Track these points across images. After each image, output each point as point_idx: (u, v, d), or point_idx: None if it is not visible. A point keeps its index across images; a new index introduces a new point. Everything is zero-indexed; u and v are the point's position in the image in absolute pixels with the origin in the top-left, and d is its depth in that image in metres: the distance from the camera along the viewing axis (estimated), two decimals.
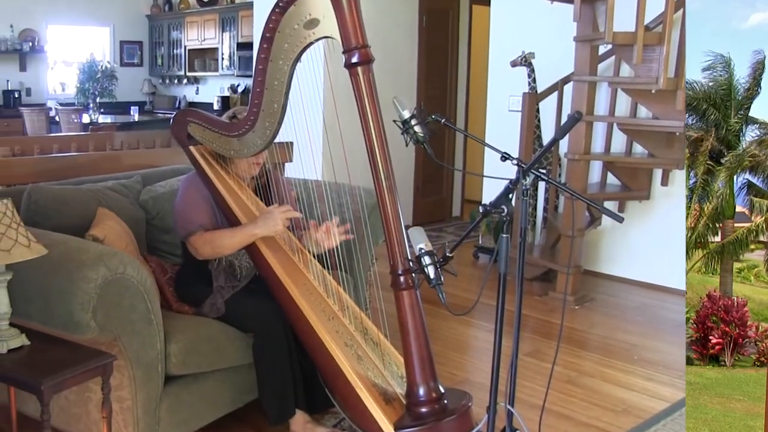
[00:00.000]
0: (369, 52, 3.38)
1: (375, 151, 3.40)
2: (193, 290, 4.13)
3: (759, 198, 13.75)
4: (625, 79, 6.70)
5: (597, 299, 6.94)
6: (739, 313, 10.62)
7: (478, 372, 5.16)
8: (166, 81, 16.44)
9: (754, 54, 13.40)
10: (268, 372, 3.88)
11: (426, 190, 10.14)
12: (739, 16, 29.66)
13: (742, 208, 14.26)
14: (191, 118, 4.10)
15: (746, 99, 13.48)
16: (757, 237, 13.71)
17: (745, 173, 13.70)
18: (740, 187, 13.80)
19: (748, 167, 13.44)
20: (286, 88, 3.63)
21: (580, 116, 3.21)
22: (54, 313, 3.31)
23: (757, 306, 14.16)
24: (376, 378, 3.67)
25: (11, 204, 3.22)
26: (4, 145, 6.68)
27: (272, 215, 3.92)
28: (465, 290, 6.67)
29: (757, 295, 15.38)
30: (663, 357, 5.61)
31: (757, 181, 13.82)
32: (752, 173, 13.74)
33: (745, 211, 14.30)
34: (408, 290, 3.44)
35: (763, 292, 15.85)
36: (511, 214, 3.08)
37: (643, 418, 4.63)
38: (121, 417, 3.55)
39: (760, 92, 13.55)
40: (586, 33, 6.58)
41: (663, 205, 7.30)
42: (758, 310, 13.99)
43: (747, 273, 16.78)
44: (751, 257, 16.00)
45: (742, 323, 10.60)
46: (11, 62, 14.17)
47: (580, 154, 6.57)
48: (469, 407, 3.57)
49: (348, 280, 4.44)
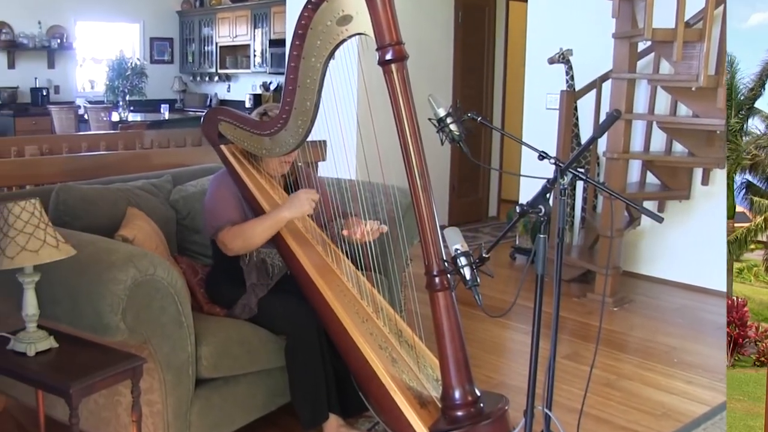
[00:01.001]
0: (403, 49, 3.33)
1: (410, 150, 3.35)
2: (224, 291, 4.10)
3: (759, 198, 13.69)
4: (664, 77, 6.63)
5: (636, 301, 6.85)
6: (739, 313, 10.64)
7: (514, 375, 5.11)
8: (197, 78, 16.41)
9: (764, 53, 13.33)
10: (300, 375, 3.84)
11: (462, 190, 10.08)
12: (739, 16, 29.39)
13: (742, 208, 14.24)
14: (222, 116, 4.08)
15: (749, 99, 13.37)
16: (757, 237, 13.67)
17: (745, 173, 13.64)
18: (740, 187, 13.73)
19: (748, 167, 13.37)
20: (318, 86, 3.59)
21: (618, 114, 3.18)
22: (83, 315, 3.27)
23: (756, 306, 14.25)
24: (410, 381, 3.62)
25: (39, 204, 3.19)
26: (32, 143, 6.70)
27: (298, 197, 3.89)
28: (502, 292, 6.64)
29: (756, 295, 15.47)
30: (703, 360, 5.52)
31: (757, 181, 13.77)
32: (752, 173, 13.68)
33: (745, 211, 14.28)
34: (443, 292, 3.38)
35: (763, 292, 15.89)
36: (548, 214, 3.03)
37: (682, 422, 4.56)
38: (151, 421, 3.52)
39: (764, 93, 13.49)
40: (625, 29, 6.50)
41: (703, 204, 7.19)
42: (758, 310, 14.05)
43: (747, 273, 16.80)
44: (751, 257, 16.04)
45: (742, 323, 10.65)
46: (39, 59, 14.12)
47: (618, 153, 6.49)
48: (506, 411, 3.50)
49: (382, 282, 4.40)
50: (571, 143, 7.20)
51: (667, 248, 7.47)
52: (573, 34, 7.57)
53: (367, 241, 4.03)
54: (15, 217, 3.08)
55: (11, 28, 13.67)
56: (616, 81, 6.54)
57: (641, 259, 7.65)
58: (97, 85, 14.84)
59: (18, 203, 3.11)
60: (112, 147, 7.31)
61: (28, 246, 3.06)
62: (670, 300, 6.97)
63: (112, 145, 7.34)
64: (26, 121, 13.26)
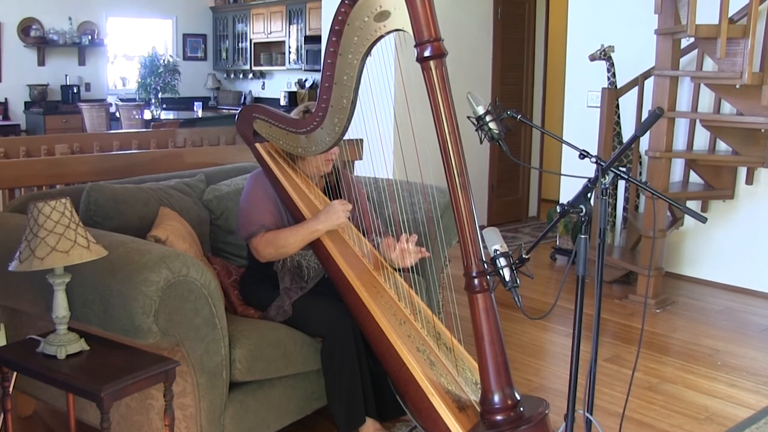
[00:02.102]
0: (442, 45, 3.27)
1: (448, 148, 3.29)
2: (258, 293, 4.08)
3: None
4: (708, 74, 6.54)
5: (679, 302, 6.77)
6: None
7: (555, 378, 5.06)
8: (230, 75, 16.42)
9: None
10: (337, 378, 3.80)
11: (501, 189, 10.01)
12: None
13: None
14: (257, 114, 4.06)
15: None
16: None
17: None
18: None
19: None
20: (355, 84, 3.57)
21: (661, 112, 3.13)
22: (114, 317, 3.23)
23: None
24: (449, 384, 3.57)
25: (70, 204, 3.15)
26: (62, 142, 6.75)
27: (333, 208, 3.87)
28: (542, 293, 6.56)
29: None
30: (748, 363, 5.44)
31: None
32: None
33: None
34: (482, 293, 3.31)
35: None
36: (589, 214, 3.01)
37: (726, 426, 4.50)
38: (184, 425, 3.48)
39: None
40: (667, 26, 6.41)
41: (748, 204, 7.08)
42: None
43: None
44: None
45: None
46: (70, 56, 14.15)
47: (661, 152, 6.41)
48: (546, 415, 3.45)
49: (420, 283, 4.34)
50: (613, 142, 7.14)
51: (710, 249, 7.38)
52: (614, 30, 7.52)
53: (408, 264, 4.00)
54: (45, 217, 3.05)
55: (41, 24, 13.71)
56: (659, 78, 6.45)
57: (684, 260, 7.56)
58: (129, 83, 14.89)
59: (48, 203, 3.07)
60: (144, 146, 7.33)
61: (58, 247, 3.03)
62: (714, 302, 6.88)
63: (144, 144, 7.37)
64: (56, 120, 13.34)
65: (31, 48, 13.64)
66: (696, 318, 6.40)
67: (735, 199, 7.05)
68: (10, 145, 6.74)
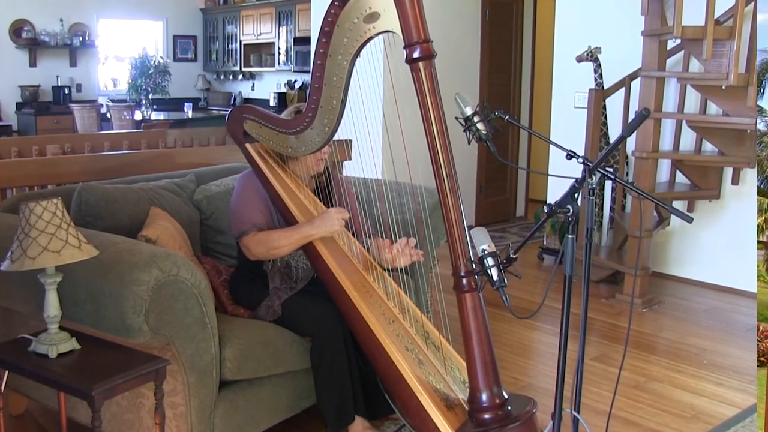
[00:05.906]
0: (431, 47, 3.29)
1: (437, 149, 3.31)
2: (248, 293, 4.08)
3: (760, 197, 13.61)
4: (694, 75, 6.56)
5: (666, 302, 6.79)
6: None
7: (542, 377, 5.09)
8: (220, 77, 16.40)
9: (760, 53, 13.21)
10: (326, 377, 3.81)
11: (489, 190, 10.03)
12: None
13: None
14: (247, 114, 4.06)
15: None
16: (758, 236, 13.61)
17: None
18: None
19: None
20: (345, 84, 3.57)
21: (648, 113, 3.18)
22: (105, 316, 3.24)
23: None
24: (437, 383, 3.59)
25: (61, 204, 3.16)
26: (54, 142, 6.74)
27: (329, 215, 3.86)
28: (529, 293, 6.61)
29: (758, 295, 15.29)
30: (734, 362, 5.48)
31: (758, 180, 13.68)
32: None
33: None
34: (471, 293, 3.33)
35: (763, 292, 15.74)
36: (576, 214, 3.02)
37: (713, 424, 4.53)
38: (175, 423, 3.49)
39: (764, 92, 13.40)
40: (654, 27, 6.45)
41: (734, 204, 7.13)
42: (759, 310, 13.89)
43: None
44: None
45: None
46: (61, 57, 14.13)
47: (648, 152, 6.44)
48: (534, 413, 3.46)
49: (409, 282, 4.35)
50: (600, 142, 7.17)
51: (697, 249, 7.41)
52: (601, 31, 7.53)
53: (400, 265, 4.02)
54: (36, 217, 3.06)
55: (33, 25, 13.69)
56: (645, 79, 6.49)
57: (671, 260, 7.59)
58: (120, 84, 14.86)
59: (39, 203, 3.08)
60: (135, 146, 7.32)
61: (49, 246, 3.04)
62: (700, 301, 6.91)
63: (134, 145, 7.36)
64: (48, 120, 13.33)
65: (22, 49, 13.63)
66: (682, 317, 6.43)
67: (721, 199, 7.08)
68: (2, 146, 6.72)
